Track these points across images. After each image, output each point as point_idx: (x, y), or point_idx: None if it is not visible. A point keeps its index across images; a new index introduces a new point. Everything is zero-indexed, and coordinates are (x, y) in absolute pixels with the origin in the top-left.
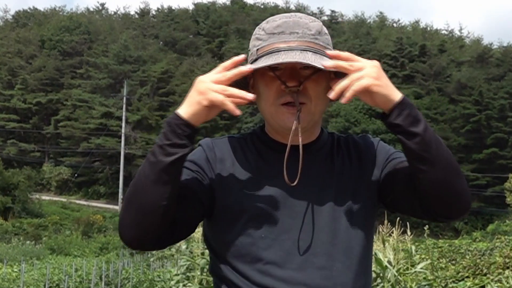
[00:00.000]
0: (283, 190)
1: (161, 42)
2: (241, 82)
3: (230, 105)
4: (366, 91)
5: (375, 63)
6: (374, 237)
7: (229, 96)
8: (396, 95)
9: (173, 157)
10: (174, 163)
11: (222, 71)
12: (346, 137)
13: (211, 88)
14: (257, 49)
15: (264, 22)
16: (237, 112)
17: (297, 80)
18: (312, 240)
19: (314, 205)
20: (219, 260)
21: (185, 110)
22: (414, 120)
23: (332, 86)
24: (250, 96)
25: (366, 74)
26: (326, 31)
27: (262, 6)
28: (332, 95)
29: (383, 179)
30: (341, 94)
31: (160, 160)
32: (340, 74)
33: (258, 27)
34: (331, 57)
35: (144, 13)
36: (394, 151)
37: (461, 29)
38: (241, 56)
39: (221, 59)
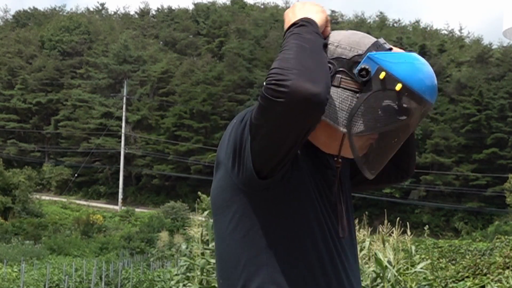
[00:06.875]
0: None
1: (161, 42)
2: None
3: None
4: None
5: None
6: (374, 237)
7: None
8: None
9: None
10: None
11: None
12: None
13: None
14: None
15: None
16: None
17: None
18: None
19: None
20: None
21: (315, 17)
22: None
23: None
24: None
25: None
26: None
27: (262, 6)
28: None
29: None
30: None
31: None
32: None
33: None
34: None
35: (144, 13)
36: None
37: (461, 29)
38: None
39: (221, 59)
